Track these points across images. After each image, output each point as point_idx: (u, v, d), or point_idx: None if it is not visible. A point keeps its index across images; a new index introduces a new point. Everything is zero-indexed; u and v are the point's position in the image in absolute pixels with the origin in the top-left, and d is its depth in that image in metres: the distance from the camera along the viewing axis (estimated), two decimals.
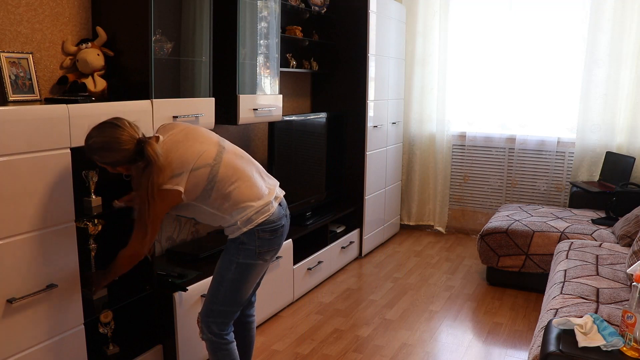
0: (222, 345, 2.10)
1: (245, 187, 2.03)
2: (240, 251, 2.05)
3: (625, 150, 4.42)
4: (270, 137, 3.42)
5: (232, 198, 2.01)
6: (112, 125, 1.85)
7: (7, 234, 1.79)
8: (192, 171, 1.93)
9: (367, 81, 4.32)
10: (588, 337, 1.87)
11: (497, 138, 4.99)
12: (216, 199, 2.00)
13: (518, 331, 3.20)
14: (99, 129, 1.85)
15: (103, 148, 1.84)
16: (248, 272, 2.08)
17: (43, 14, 2.26)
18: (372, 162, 4.52)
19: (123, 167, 1.91)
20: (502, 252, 3.75)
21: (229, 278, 2.06)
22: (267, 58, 3.29)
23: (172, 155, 1.92)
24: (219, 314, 2.09)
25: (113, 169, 1.93)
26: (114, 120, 1.88)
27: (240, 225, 2.02)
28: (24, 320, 1.87)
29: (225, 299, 2.08)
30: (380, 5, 4.41)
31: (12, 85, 2.05)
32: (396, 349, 2.97)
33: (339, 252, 4.13)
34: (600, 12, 4.38)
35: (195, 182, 1.95)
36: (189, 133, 2.03)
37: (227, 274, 2.06)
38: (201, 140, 2.02)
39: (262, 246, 2.07)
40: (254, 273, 2.10)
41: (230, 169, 2.01)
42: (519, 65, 4.79)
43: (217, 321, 2.09)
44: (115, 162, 1.88)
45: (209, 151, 1.99)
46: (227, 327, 2.11)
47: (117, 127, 1.85)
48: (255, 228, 2.03)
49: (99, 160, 1.89)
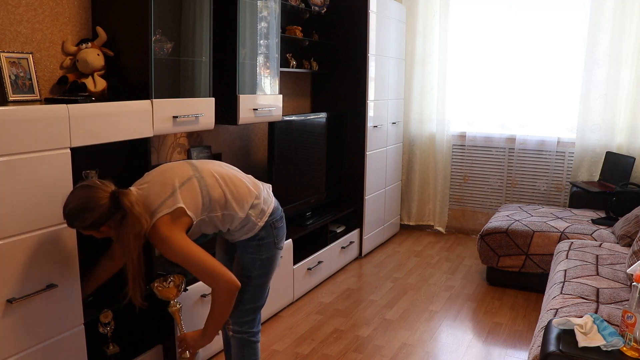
0: (252, 342, 2.18)
1: (241, 186, 2.07)
2: (261, 247, 2.11)
3: (625, 150, 4.42)
4: (270, 137, 3.42)
5: (235, 199, 2.03)
6: (83, 187, 1.88)
7: (7, 234, 1.79)
8: (180, 187, 1.95)
9: (367, 81, 4.32)
10: (588, 337, 1.87)
11: (497, 138, 4.99)
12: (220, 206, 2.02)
13: (518, 331, 3.20)
14: (72, 195, 1.87)
15: (81, 210, 1.83)
16: (271, 265, 2.16)
17: (43, 14, 2.26)
18: (372, 162, 4.52)
19: (105, 226, 1.88)
20: (502, 252, 3.75)
21: (255, 275, 2.12)
22: (267, 58, 3.29)
23: (152, 191, 1.94)
24: (251, 312, 2.16)
25: (99, 233, 1.91)
26: (84, 183, 1.91)
27: (255, 220, 2.07)
28: (24, 320, 1.87)
29: (253, 296, 2.15)
30: (380, 5, 4.41)
31: (12, 85, 2.05)
32: (396, 349, 2.97)
33: (339, 252, 4.13)
34: (600, 12, 4.38)
35: (190, 196, 1.95)
36: (160, 168, 2.06)
37: (252, 272, 2.12)
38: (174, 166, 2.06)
39: (279, 235, 2.16)
40: (275, 263, 2.19)
41: (214, 177, 2.04)
42: (519, 65, 4.79)
43: (249, 319, 2.16)
44: (96, 221, 1.84)
45: (184, 169, 2.02)
46: (257, 323, 2.19)
47: (88, 188, 1.87)
48: (269, 220, 2.11)
49: (81, 225, 1.87)
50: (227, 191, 2.03)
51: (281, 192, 3.53)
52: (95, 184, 1.87)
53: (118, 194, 1.86)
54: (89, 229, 1.88)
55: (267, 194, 2.17)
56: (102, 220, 1.85)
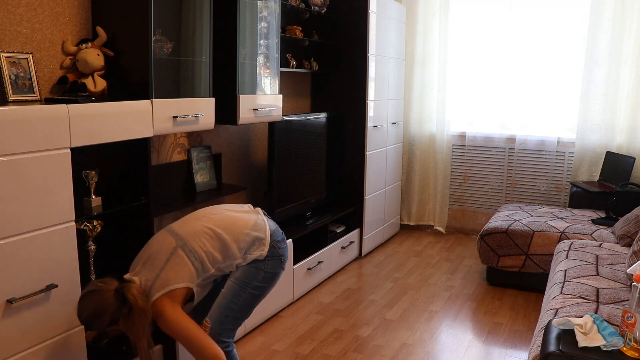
0: (226, 353, 2.15)
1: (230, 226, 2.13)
2: (267, 261, 2.16)
3: (625, 150, 4.42)
4: (270, 137, 3.42)
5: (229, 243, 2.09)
6: (90, 293, 1.93)
7: (7, 234, 1.79)
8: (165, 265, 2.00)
9: (367, 81, 4.32)
10: (588, 337, 1.87)
11: (497, 138, 4.99)
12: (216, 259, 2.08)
13: (518, 331, 3.20)
14: (82, 304, 1.93)
15: (95, 316, 1.91)
16: (272, 280, 2.20)
17: (43, 14, 2.26)
18: (372, 162, 4.52)
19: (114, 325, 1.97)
20: (502, 252, 3.75)
21: (254, 286, 2.14)
22: (267, 58, 3.29)
23: (143, 275, 2.02)
24: (233, 321, 2.16)
25: (118, 326, 1.98)
26: (87, 288, 1.96)
27: (260, 252, 2.14)
28: (24, 320, 1.87)
29: (244, 306, 2.16)
30: (380, 5, 4.41)
31: (12, 85, 2.05)
32: (396, 349, 2.97)
33: (339, 252, 4.13)
34: (600, 12, 4.38)
35: (180, 268, 2.01)
36: (146, 248, 2.11)
37: (252, 282, 2.14)
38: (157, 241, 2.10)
39: (283, 255, 2.22)
40: (276, 280, 2.22)
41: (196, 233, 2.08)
42: (518, 66, 4.79)
43: (228, 328, 2.15)
44: (112, 320, 1.93)
45: (166, 242, 2.07)
46: (233, 335, 2.19)
47: (94, 293, 1.92)
48: (272, 242, 2.17)
49: (101, 327, 1.95)
50: (224, 237, 2.09)
51: (281, 192, 3.54)
52: (98, 287, 1.93)
53: (122, 290, 1.93)
54: (110, 326, 1.95)
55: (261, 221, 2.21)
56: (116, 317, 1.93)
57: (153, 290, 1.98)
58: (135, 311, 1.92)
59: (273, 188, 3.43)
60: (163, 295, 1.97)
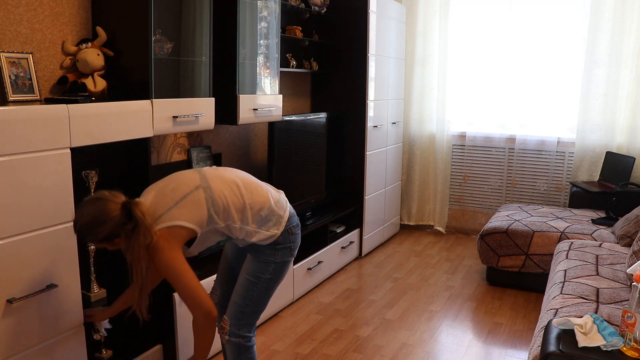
0: (248, 347, 2.13)
1: (255, 192, 2.04)
2: (277, 251, 2.09)
3: (625, 150, 4.42)
4: (270, 137, 3.42)
5: (248, 208, 2.01)
6: (93, 201, 1.84)
7: (7, 234, 1.79)
8: (183, 199, 1.91)
9: (367, 81, 4.32)
10: (588, 337, 1.87)
11: (497, 138, 4.99)
12: (230, 215, 1.98)
13: (518, 331, 3.20)
14: (82, 210, 1.82)
15: (94, 224, 1.80)
16: (283, 270, 2.14)
17: (43, 14, 2.25)
18: (372, 162, 4.52)
19: (119, 237, 1.85)
20: (502, 252, 3.75)
21: (266, 278, 2.09)
22: (267, 58, 3.29)
23: (156, 201, 1.91)
24: (251, 315, 2.12)
25: (112, 245, 1.88)
26: (93, 196, 1.88)
27: (275, 230, 2.05)
28: (24, 320, 1.87)
29: (259, 299, 2.11)
30: (380, 5, 4.41)
31: (12, 85, 2.05)
32: (396, 349, 2.97)
33: (339, 252, 4.13)
34: (600, 12, 4.38)
35: (194, 208, 1.91)
36: (169, 177, 2.04)
37: (263, 275, 2.09)
38: (182, 175, 2.02)
39: (295, 241, 2.14)
40: (287, 270, 2.16)
41: (227, 185, 2.00)
42: (518, 66, 4.79)
43: (248, 322, 2.11)
44: (110, 234, 1.81)
45: (191, 179, 1.99)
46: (253, 329, 2.15)
47: (99, 201, 1.83)
48: (287, 226, 2.09)
49: (95, 239, 1.84)
50: (246, 199, 2.01)
51: None
52: (104, 196, 1.83)
53: (130, 205, 1.82)
54: (103, 242, 1.85)
55: (283, 200, 2.15)
56: (115, 233, 1.82)
57: (159, 220, 1.86)
58: (140, 229, 1.80)
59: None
60: (166, 228, 1.86)
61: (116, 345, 2.42)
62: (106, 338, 2.32)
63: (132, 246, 1.83)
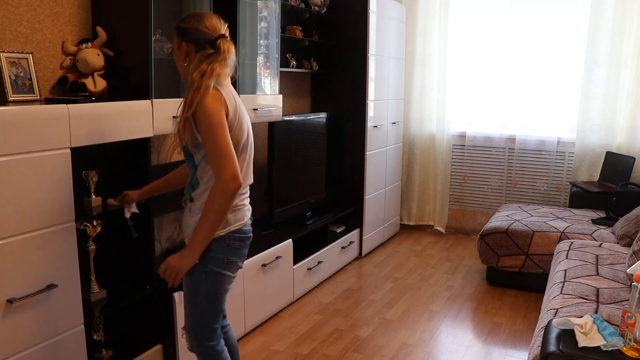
0: (217, 354, 2.00)
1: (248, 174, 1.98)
2: (206, 258, 1.88)
3: (625, 150, 4.42)
4: (270, 137, 3.42)
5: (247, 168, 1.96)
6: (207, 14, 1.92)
7: (7, 234, 1.79)
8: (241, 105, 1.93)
9: (367, 81, 4.32)
10: (588, 337, 1.87)
11: (497, 138, 4.99)
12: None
13: (518, 331, 3.20)
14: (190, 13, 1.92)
15: (191, 16, 1.89)
16: (219, 283, 1.94)
17: (43, 14, 2.26)
18: (372, 162, 4.52)
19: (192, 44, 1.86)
20: (502, 252, 3.75)
21: (203, 290, 1.92)
22: (267, 58, 3.29)
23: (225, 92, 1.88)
24: (204, 325, 1.97)
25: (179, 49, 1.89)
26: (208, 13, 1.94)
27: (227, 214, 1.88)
28: (24, 320, 1.87)
29: (206, 309, 1.95)
30: (380, 5, 4.41)
31: (12, 85, 2.05)
32: (396, 349, 2.97)
33: (339, 252, 4.13)
34: (600, 12, 4.38)
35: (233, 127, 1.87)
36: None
37: (199, 284, 1.91)
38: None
39: (231, 255, 1.92)
40: (225, 283, 1.96)
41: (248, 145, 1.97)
42: (518, 66, 4.79)
43: (204, 332, 1.98)
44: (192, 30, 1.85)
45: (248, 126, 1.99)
46: (215, 337, 1.99)
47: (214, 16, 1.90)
48: (228, 234, 1.89)
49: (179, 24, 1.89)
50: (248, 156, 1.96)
51: (281, 192, 3.54)
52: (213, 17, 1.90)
53: (222, 38, 1.87)
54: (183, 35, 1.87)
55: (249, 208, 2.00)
56: (193, 37, 1.85)
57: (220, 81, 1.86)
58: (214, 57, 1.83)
59: (273, 188, 3.43)
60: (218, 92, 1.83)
61: (116, 345, 2.42)
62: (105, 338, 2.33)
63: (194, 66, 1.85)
